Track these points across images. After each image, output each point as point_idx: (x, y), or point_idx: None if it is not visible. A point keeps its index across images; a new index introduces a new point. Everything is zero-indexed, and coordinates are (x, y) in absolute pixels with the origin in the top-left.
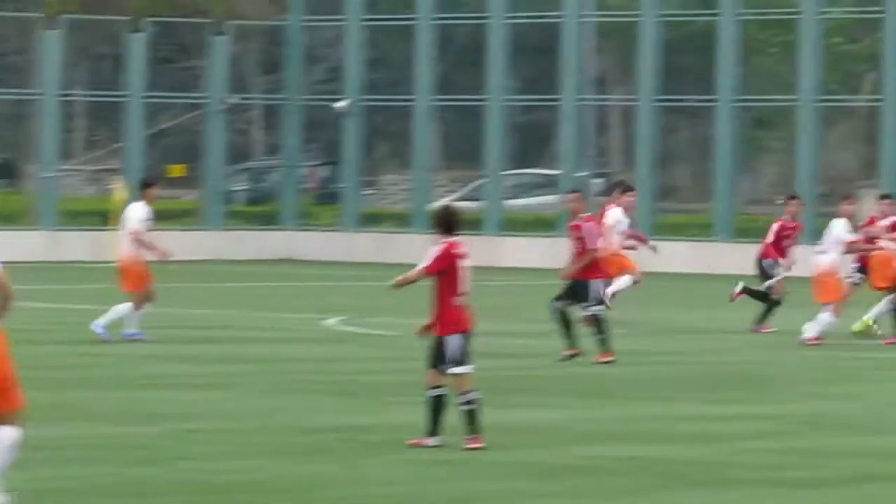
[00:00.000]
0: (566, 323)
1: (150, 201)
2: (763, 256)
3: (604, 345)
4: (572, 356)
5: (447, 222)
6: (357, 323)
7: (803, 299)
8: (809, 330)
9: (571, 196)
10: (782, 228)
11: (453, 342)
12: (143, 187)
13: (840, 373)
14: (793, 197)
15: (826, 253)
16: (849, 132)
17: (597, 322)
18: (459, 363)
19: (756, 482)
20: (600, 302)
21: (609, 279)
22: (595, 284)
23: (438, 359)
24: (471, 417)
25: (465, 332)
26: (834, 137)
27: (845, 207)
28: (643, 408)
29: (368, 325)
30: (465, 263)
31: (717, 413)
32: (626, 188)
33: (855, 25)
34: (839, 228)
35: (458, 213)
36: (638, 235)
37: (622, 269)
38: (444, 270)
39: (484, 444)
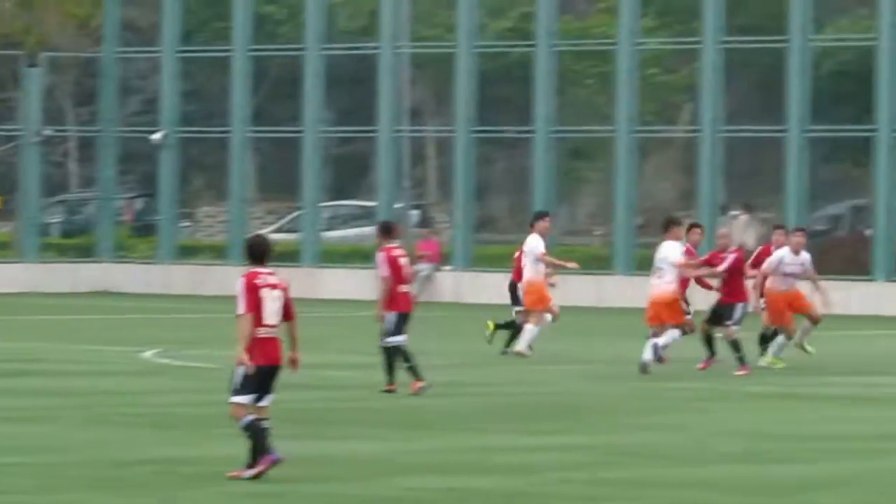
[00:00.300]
0: (388, 358)
1: None
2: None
3: (414, 373)
4: (388, 392)
5: (253, 252)
6: (174, 355)
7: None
8: (660, 344)
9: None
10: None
11: (238, 371)
12: None
13: (661, 403)
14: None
15: (662, 277)
16: (666, 162)
17: (399, 353)
18: (236, 392)
19: None
20: (396, 332)
21: (403, 313)
22: (389, 316)
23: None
24: (255, 441)
25: (258, 365)
26: (651, 168)
27: (676, 231)
28: (460, 439)
29: (185, 358)
30: (271, 294)
31: (532, 444)
32: (540, 214)
33: (671, 56)
34: (673, 251)
35: (265, 242)
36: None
37: (537, 304)
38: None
39: (265, 466)
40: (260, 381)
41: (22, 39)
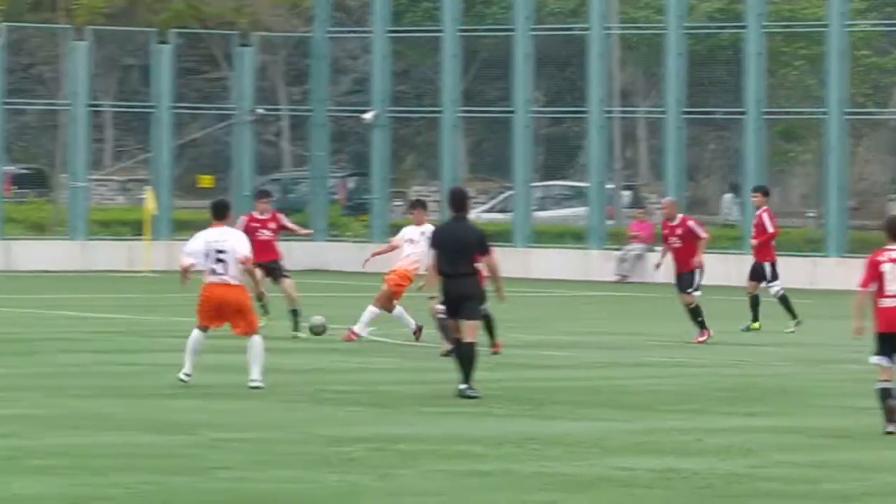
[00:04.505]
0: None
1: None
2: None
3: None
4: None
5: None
6: (389, 334)
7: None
8: None
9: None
10: None
11: None
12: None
13: (871, 386)
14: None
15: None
16: (878, 145)
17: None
18: None
19: (784, 495)
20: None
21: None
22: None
23: None
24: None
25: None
26: (862, 150)
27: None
28: (674, 420)
29: (394, 335)
30: None
31: (746, 425)
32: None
33: (882, 38)
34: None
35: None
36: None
37: None
38: None
39: None
40: None
41: (235, 19)
